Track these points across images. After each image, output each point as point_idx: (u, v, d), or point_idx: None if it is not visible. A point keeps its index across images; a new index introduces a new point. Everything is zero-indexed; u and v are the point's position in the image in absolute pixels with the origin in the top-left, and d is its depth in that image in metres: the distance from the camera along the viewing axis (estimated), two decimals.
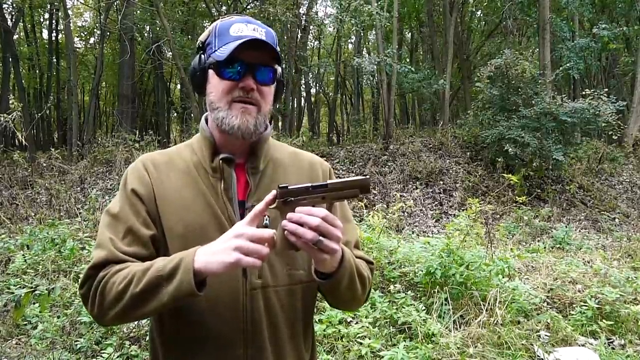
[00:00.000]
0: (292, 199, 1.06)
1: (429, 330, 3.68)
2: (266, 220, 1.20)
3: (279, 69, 1.26)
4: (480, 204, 5.47)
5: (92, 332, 3.65)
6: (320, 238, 1.02)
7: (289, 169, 1.32)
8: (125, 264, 1.14)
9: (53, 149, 10.16)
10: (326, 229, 1.02)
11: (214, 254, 1.02)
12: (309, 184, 1.07)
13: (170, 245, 1.19)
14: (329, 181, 1.08)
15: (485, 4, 19.03)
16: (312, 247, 1.03)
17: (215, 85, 1.22)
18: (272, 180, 1.27)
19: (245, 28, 1.21)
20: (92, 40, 23.86)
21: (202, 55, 1.25)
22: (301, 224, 1.02)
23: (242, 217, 1.21)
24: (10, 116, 6.68)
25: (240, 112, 1.19)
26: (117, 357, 3.40)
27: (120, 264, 1.14)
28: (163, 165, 1.27)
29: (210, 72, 1.23)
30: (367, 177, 1.10)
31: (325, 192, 1.07)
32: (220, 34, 1.22)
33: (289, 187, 1.06)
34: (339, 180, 1.09)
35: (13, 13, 17.91)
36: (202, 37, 1.28)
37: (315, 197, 1.07)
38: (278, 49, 1.26)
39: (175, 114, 23.96)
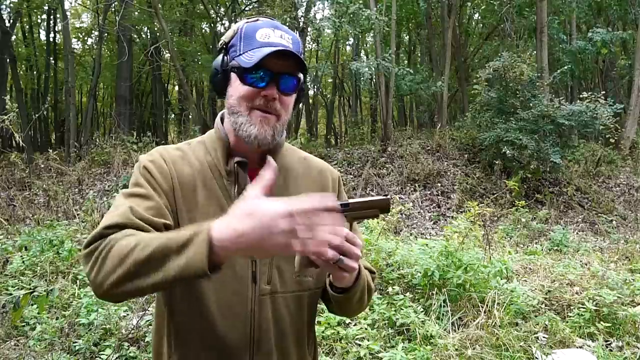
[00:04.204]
0: None
1: (428, 331, 3.69)
2: None
3: (302, 77, 1.22)
4: (479, 206, 5.47)
5: (91, 334, 3.64)
6: (341, 257, 1.01)
7: (300, 177, 1.31)
8: (139, 231, 1.03)
9: (51, 150, 10.14)
10: (347, 248, 1.01)
11: (247, 242, 0.87)
12: None
13: None
14: (350, 200, 1.09)
15: (483, 7, 19.08)
16: (332, 265, 1.02)
17: (237, 89, 1.18)
18: (284, 187, 1.26)
19: (272, 34, 1.17)
20: (89, 41, 23.88)
21: (225, 57, 1.21)
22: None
23: None
24: (6, 117, 6.66)
25: (259, 121, 1.16)
26: (116, 358, 3.40)
27: (136, 230, 1.03)
28: (179, 160, 1.22)
29: (233, 75, 1.19)
30: (388, 197, 1.13)
31: (347, 212, 1.07)
32: (246, 37, 1.18)
33: None
34: (360, 199, 1.10)
35: (11, 14, 17.87)
36: (225, 37, 1.24)
37: None
38: (304, 55, 1.24)
39: (172, 116, 23.94)
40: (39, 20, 22.94)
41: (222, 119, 1.28)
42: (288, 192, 1.25)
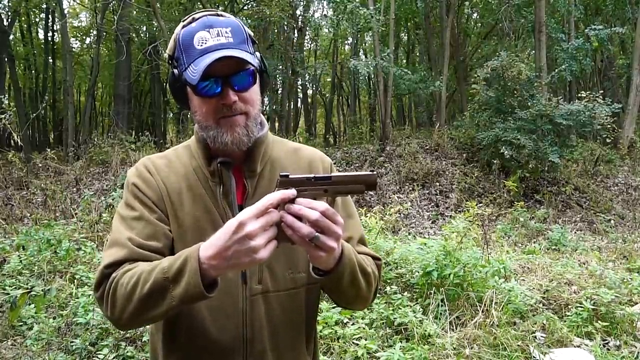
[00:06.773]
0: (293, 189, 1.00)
1: (425, 331, 3.69)
2: None
3: (256, 61, 1.17)
4: (478, 206, 5.47)
5: (88, 333, 3.64)
6: (317, 234, 0.96)
7: (289, 169, 1.27)
8: (138, 262, 1.09)
9: (49, 150, 10.12)
10: (325, 224, 0.96)
11: (222, 256, 0.95)
12: (312, 175, 1.02)
13: (174, 250, 1.18)
14: (333, 174, 1.03)
15: (481, 6, 19.08)
16: (308, 242, 0.97)
17: (199, 106, 1.17)
18: (270, 182, 1.23)
19: (209, 36, 1.12)
20: (88, 40, 23.82)
21: (175, 71, 1.18)
22: (299, 217, 0.97)
23: None
24: (4, 116, 6.65)
25: (229, 128, 1.15)
26: (113, 358, 3.39)
27: (134, 263, 1.09)
28: (163, 168, 1.24)
29: (188, 90, 1.17)
30: (374, 172, 1.04)
31: (328, 185, 1.02)
32: (185, 47, 1.15)
33: (290, 177, 1.00)
34: (343, 173, 1.04)
35: (9, 13, 17.83)
36: (169, 50, 1.22)
37: (317, 189, 1.01)
38: (249, 39, 1.19)
39: (171, 115, 23.89)
40: (37, 20, 22.90)
41: None
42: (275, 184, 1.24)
